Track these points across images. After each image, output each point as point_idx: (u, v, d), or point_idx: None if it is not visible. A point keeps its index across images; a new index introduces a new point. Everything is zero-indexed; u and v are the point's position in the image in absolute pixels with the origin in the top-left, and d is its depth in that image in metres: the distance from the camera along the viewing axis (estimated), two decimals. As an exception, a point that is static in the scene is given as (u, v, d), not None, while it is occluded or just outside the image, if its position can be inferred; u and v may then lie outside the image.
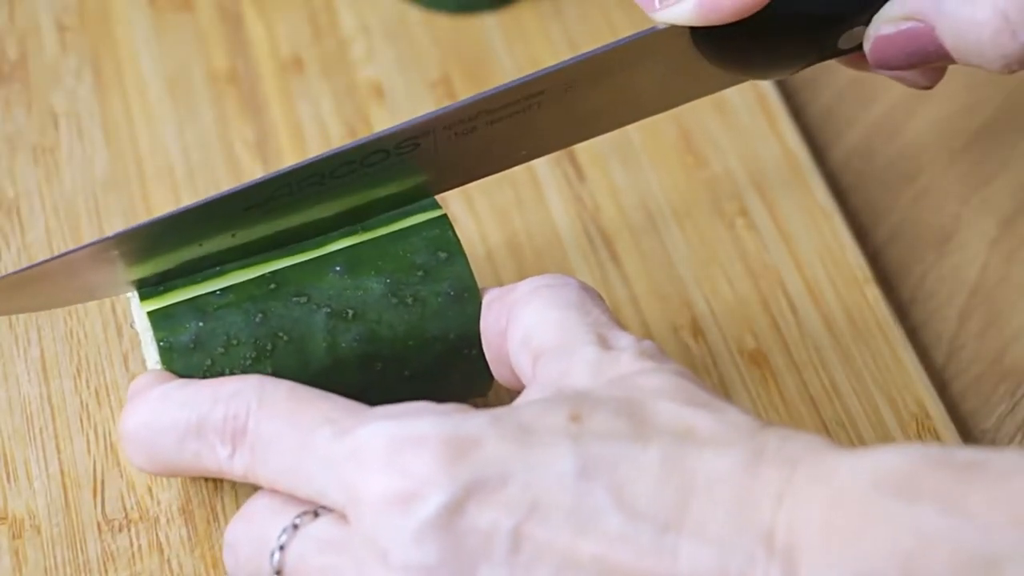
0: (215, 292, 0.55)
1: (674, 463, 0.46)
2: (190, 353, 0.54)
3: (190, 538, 0.56)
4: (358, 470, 0.47)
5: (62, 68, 0.69)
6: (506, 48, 0.72)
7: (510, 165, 0.59)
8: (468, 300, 0.55)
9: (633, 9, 0.73)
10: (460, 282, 0.55)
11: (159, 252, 0.55)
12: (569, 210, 0.66)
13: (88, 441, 0.58)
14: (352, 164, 0.55)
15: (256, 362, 0.54)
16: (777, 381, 0.62)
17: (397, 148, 0.55)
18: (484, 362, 0.55)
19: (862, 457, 0.45)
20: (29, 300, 0.56)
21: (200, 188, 0.66)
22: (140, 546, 0.56)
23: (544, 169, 0.67)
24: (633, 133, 0.68)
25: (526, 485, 0.46)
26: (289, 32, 0.72)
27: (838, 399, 0.61)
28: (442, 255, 0.56)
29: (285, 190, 0.55)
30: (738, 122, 0.69)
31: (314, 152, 0.67)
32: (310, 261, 0.56)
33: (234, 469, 0.51)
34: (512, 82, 0.55)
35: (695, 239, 0.66)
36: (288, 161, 0.67)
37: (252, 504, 0.51)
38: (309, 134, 0.68)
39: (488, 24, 0.72)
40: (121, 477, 0.57)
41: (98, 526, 0.56)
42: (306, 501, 0.49)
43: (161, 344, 0.54)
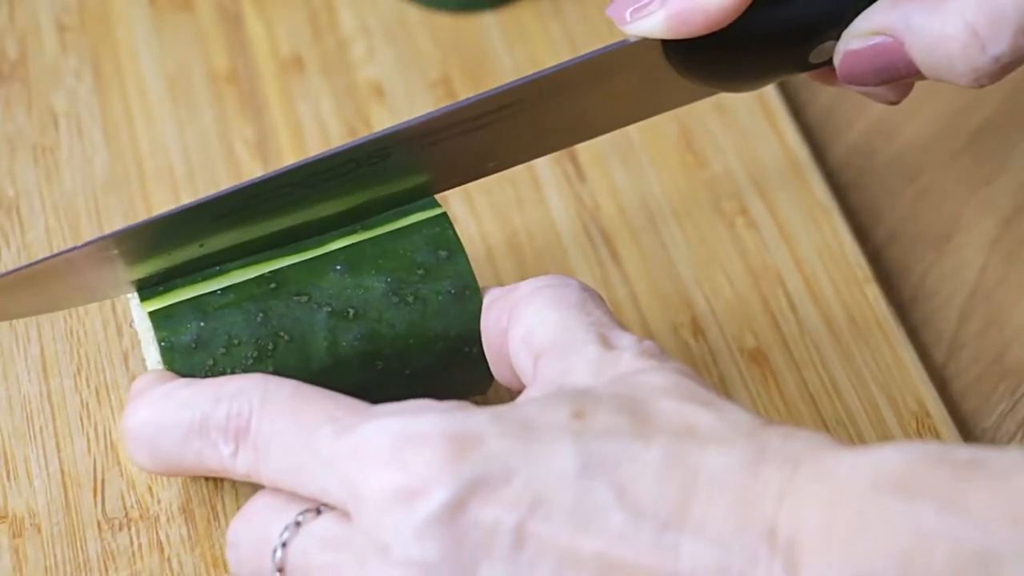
0: (216, 292, 0.55)
1: (676, 461, 0.46)
2: (191, 353, 0.54)
3: (190, 537, 0.56)
4: (360, 467, 0.47)
5: (62, 68, 0.70)
6: (506, 48, 0.72)
7: (478, 176, 0.59)
8: (469, 298, 0.55)
9: (633, 9, 0.73)
10: (461, 280, 0.55)
11: (158, 251, 0.55)
12: (569, 209, 0.66)
13: (88, 440, 0.58)
14: (322, 175, 0.55)
15: (257, 361, 0.54)
16: (777, 380, 0.62)
17: (368, 159, 0.55)
18: (485, 360, 0.55)
19: (862, 455, 0.45)
20: (30, 301, 0.56)
21: (200, 188, 0.66)
22: (140, 545, 0.56)
23: (544, 169, 0.67)
24: (633, 133, 0.69)
25: (528, 482, 0.46)
26: (289, 32, 0.72)
27: (838, 398, 0.61)
28: (442, 253, 0.56)
29: (261, 197, 0.55)
30: (738, 122, 0.69)
31: (314, 152, 0.67)
32: (310, 260, 0.56)
33: (237, 468, 0.51)
34: (484, 93, 0.55)
35: (695, 238, 0.66)
36: (288, 161, 0.67)
37: (254, 502, 0.51)
38: (309, 134, 0.68)
39: (488, 24, 0.72)
40: (121, 476, 0.57)
41: (98, 525, 0.56)
42: (309, 499, 0.50)
43: (163, 344, 0.54)
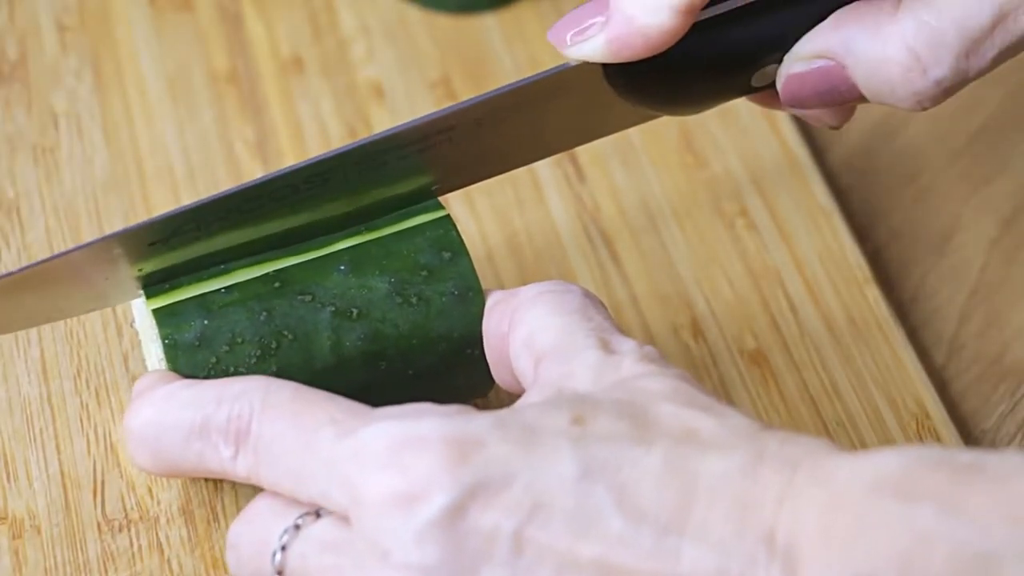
0: (220, 290, 0.55)
1: (676, 465, 0.46)
2: (195, 351, 0.54)
3: (190, 538, 0.56)
4: (360, 470, 0.47)
5: (62, 68, 0.70)
6: (506, 48, 0.72)
7: (424, 199, 0.58)
8: (472, 300, 0.55)
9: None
10: (464, 282, 0.55)
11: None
12: (569, 210, 0.66)
13: (88, 441, 0.58)
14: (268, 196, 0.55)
15: (261, 360, 0.54)
16: (777, 381, 0.62)
17: (306, 182, 0.55)
18: (487, 363, 0.55)
19: (861, 459, 0.45)
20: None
21: (200, 188, 0.66)
22: (140, 546, 0.56)
23: (544, 169, 0.67)
24: (633, 134, 0.68)
25: (528, 487, 0.46)
26: (289, 32, 0.72)
27: (838, 399, 0.61)
28: (446, 255, 0.56)
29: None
30: (738, 122, 0.69)
31: (314, 152, 0.67)
32: (315, 260, 0.56)
33: (237, 470, 0.51)
34: (424, 117, 0.55)
35: (695, 239, 0.66)
36: (288, 161, 0.67)
37: (254, 505, 0.51)
38: (309, 134, 0.68)
39: (488, 24, 0.72)
40: (121, 477, 0.57)
41: (98, 526, 0.56)
42: (309, 503, 0.50)
43: (166, 341, 0.54)
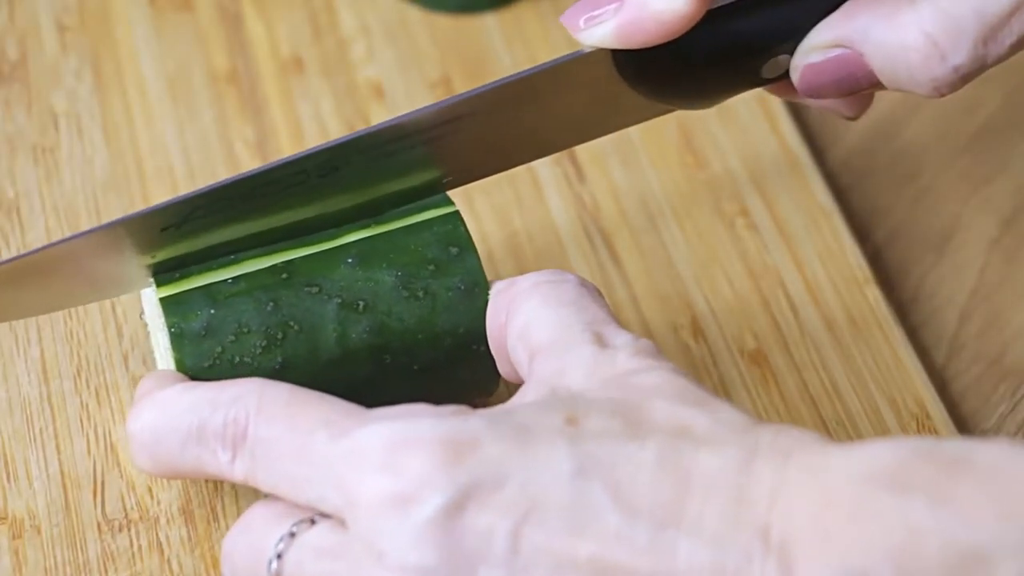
0: (227, 280, 0.55)
1: (670, 461, 0.46)
2: (201, 340, 0.54)
3: (190, 538, 0.56)
4: (355, 472, 0.47)
5: (62, 68, 0.70)
6: (506, 48, 0.72)
7: (433, 193, 0.58)
8: (478, 296, 0.55)
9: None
10: (470, 277, 0.56)
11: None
12: (569, 210, 0.66)
13: (88, 441, 0.58)
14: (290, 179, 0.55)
15: (266, 350, 0.54)
16: (777, 381, 0.62)
17: (318, 170, 0.55)
18: (491, 359, 0.55)
19: (853, 451, 0.45)
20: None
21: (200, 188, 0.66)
22: (140, 546, 0.56)
23: (544, 169, 0.67)
24: (633, 133, 0.68)
25: (524, 486, 0.46)
26: (289, 32, 0.72)
27: (838, 399, 0.61)
28: (453, 250, 0.56)
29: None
30: (738, 122, 0.69)
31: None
32: (323, 252, 0.56)
33: (235, 474, 0.51)
34: (432, 105, 0.55)
35: (695, 239, 0.66)
36: (288, 161, 0.67)
37: (249, 514, 0.51)
38: (309, 134, 0.68)
39: (488, 24, 0.72)
40: (121, 477, 0.57)
41: (98, 526, 0.56)
42: (306, 508, 0.50)
43: (172, 330, 0.54)
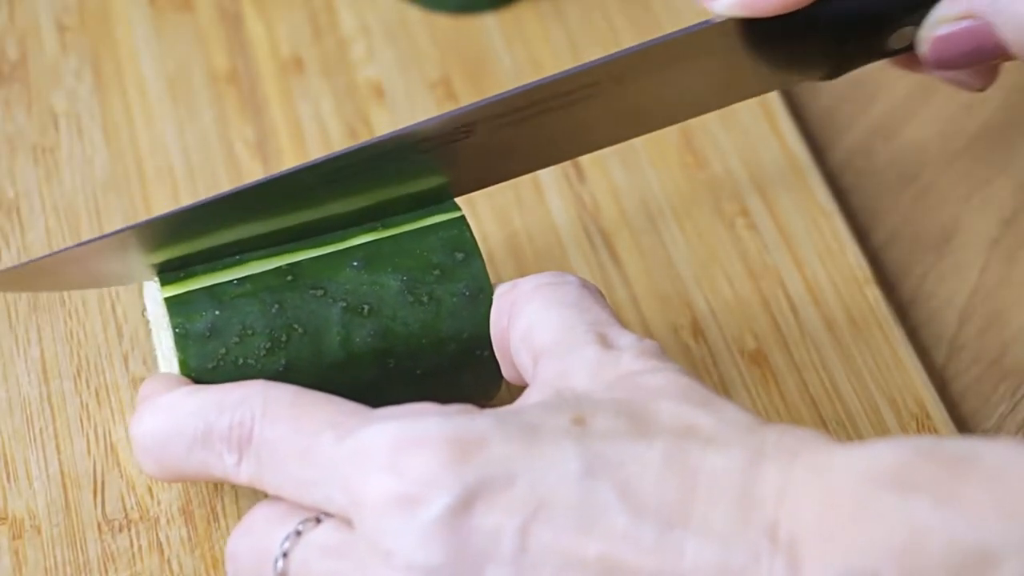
0: (232, 281, 0.55)
1: (677, 461, 0.46)
2: (205, 341, 0.54)
3: (190, 538, 0.56)
4: (361, 472, 0.47)
5: (62, 68, 0.70)
6: (506, 48, 0.72)
7: (548, 164, 0.59)
8: (482, 301, 0.55)
9: (634, 10, 0.73)
10: (475, 283, 0.56)
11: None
12: (569, 210, 0.66)
13: (88, 441, 0.58)
14: (399, 152, 0.56)
15: (270, 353, 0.54)
16: (777, 381, 0.62)
17: (449, 136, 0.56)
18: (495, 364, 0.55)
19: (857, 450, 0.45)
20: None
21: (200, 188, 0.66)
22: (140, 546, 0.56)
23: (544, 170, 0.67)
24: (633, 133, 0.69)
25: (531, 485, 0.46)
26: (289, 32, 0.72)
27: (838, 399, 0.61)
28: (459, 255, 0.56)
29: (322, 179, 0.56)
30: (738, 122, 0.69)
31: (314, 152, 0.67)
32: (329, 255, 0.56)
33: (240, 477, 0.51)
34: (563, 72, 0.55)
35: (695, 239, 0.66)
36: (288, 161, 0.67)
37: (252, 515, 0.51)
38: (309, 134, 0.68)
39: (488, 24, 0.72)
40: (121, 477, 0.57)
41: (98, 526, 0.56)
42: (310, 508, 0.49)
43: (177, 331, 0.54)
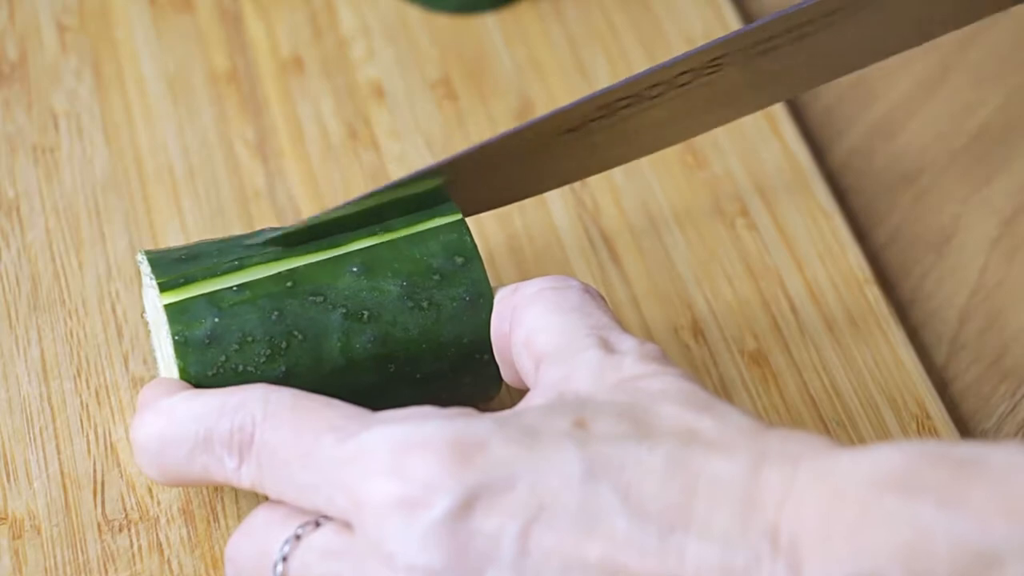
0: (232, 287, 0.55)
1: (679, 465, 0.46)
2: (205, 349, 0.54)
3: (190, 538, 0.56)
4: (362, 475, 0.47)
5: (62, 68, 0.69)
6: (506, 48, 0.71)
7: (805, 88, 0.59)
8: (483, 306, 0.55)
9: (634, 10, 0.73)
10: (475, 288, 0.55)
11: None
12: (570, 211, 0.66)
13: (88, 441, 0.58)
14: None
15: (270, 360, 0.54)
16: (777, 381, 0.62)
17: (703, 69, 0.56)
18: (495, 367, 0.55)
19: (861, 454, 0.45)
20: None
21: (200, 188, 0.66)
22: (140, 546, 0.56)
23: (544, 169, 0.67)
24: (633, 133, 0.69)
25: (532, 488, 0.46)
26: (289, 32, 0.71)
27: (838, 399, 0.61)
28: (459, 260, 0.56)
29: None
30: (738, 122, 0.69)
31: (314, 152, 0.67)
32: (328, 260, 0.56)
33: (242, 481, 0.51)
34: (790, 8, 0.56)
35: (695, 239, 0.66)
36: (288, 161, 0.67)
37: (252, 518, 0.51)
38: (309, 134, 0.68)
39: (488, 24, 0.72)
40: (121, 477, 0.57)
41: (98, 526, 0.56)
42: (310, 512, 0.49)
43: (176, 339, 0.54)
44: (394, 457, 0.47)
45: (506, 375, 0.55)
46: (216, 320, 0.54)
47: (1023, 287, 0.66)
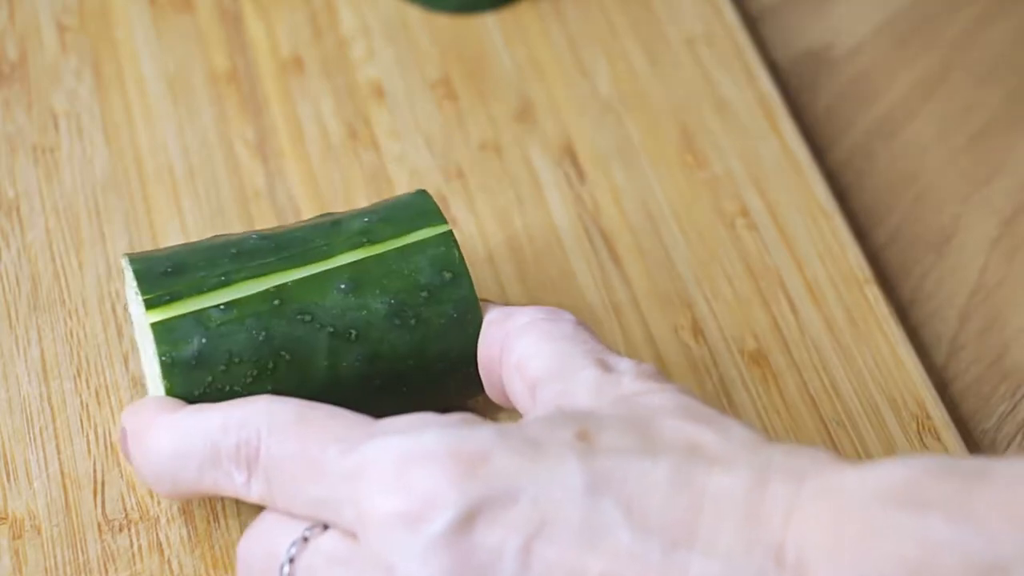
0: (219, 306, 0.54)
1: (682, 479, 0.46)
2: (191, 370, 0.54)
3: (190, 538, 0.56)
4: (365, 487, 0.47)
5: (62, 68, 0.69)
6: (506, 48, 0.72)
7: None
8: (470, 322, 0.55)
9: (634, 10, 0.73)
10: (463, 304, 0.55)
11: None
12: (569, 210, 0.66)
13: (88, 441, 0.58)
14: None
15: (256, 380, 0.54)
16: (777, 381, 0.62)
17: None
18: (479, 377, 0.55)
19: (867, 470, 0.45)
20: None
21: (200, 188, 0.66)
22: (140, 546, 0.56)
23: (544, 169, 0.67)
24: (634, 133, 0.68)
25: (535, 501, 0.46)
26: (289, 32, 0.71)
27: (838, 399, 0.61)
28: (447, 275, 0.55)
29: None
30: (738, 122, 0.69)
31: (314, 152, 0.67)
32: (315, 276, 0.55)
33: (252, 495, 0.51)
34: None
35: (695, 239, 0.66)
36: (288, 161, 0.67)
37: (263, 519, 0.51)
38: (309, 134, 0.68)
39: (488, 24, 0.72)
40: (121, 477, 0.57)
41: (98, 526, 0.56)
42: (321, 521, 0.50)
43: (163, 359, 0.54)
44: (397, 470, 0.47)
45: (491, 393, 0.55)
46: (203, 341, 0.54)
47: (1023, 287, 0.66)
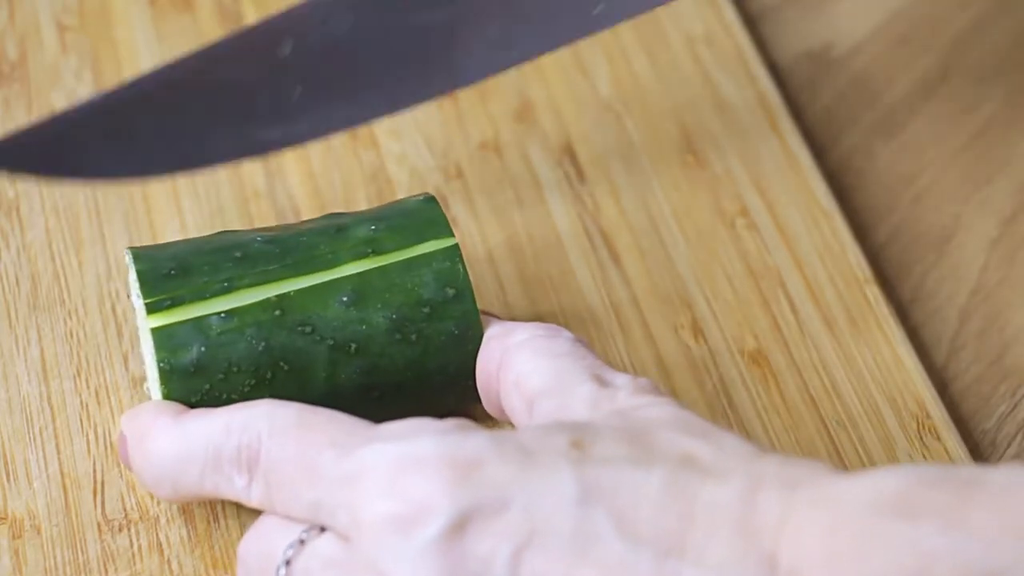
0: (220, 314, 0.54)
1: (675, 490, 0.46)
2: (190, 377, 0.54)
3: (190, 538, 0.56)
4: (360, 493, 0.47)
5: (62, 68, 0.69)
6: (506, 48, 0.71)
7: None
8: (471, 338, 0.55)
9: (633, 9, 0.73)
10: (465, 320, 0.55)
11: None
12: (569, 210, 0.66)
13: (88, 441, 0.58)
14: None
15: (255, 389, 0.54)
16: (777, 381, 0.62)
17: None
18: (476, 390, 0.56)
19: (861, 479, 0.45)
20: None
21: (200, 188, 0.66)
22: (140, 546, 0.56)
23: (544, 169, 0.67)
24: (634, 133, 0.68)
25: (526, 510, 0.46)
26: (289, 32, 0.71)
27: (838, 399, 0.61)
28: (450, 291, 0.55)
29: None
30: (738, 122, 0.69)
31: (314, 152, 0.67)
32: (318, 286, 0.55)
33: (252, 499, 0.51)
34: None
35: (695, 239, 0.66)
36: (288, 161, 0.67)
37: (263, 520, 0.51)
38: (309, 134, 0.68)
39: (488, 24, 0.72)
40: (121, 477, 0.57)
41: (98, 526, 0.56)
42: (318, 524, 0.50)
43: (162, 366, 0.54)
44: (391, 475, 0.47)
45: (488, 408, 0.55)
46: (203, 349, 0.54)
47: (1023, 287, 0.66)
